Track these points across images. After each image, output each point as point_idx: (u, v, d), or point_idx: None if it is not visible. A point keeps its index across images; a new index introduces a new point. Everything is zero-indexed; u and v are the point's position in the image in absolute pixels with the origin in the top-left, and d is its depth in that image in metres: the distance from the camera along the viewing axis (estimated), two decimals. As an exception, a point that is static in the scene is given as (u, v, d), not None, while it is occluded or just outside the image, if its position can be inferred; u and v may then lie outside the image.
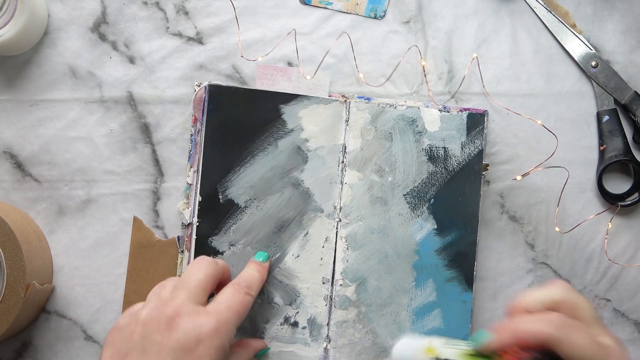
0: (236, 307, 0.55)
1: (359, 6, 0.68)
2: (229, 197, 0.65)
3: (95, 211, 0.67)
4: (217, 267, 0.58)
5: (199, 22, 0.68)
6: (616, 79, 0.68)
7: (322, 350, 0.65)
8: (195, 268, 0.56)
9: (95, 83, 0.68)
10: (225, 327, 0.53)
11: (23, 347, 0.67)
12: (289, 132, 0.65)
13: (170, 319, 0.51)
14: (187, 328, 0.51)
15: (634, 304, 0.69)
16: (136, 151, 0.68)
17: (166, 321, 0.51)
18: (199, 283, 0.55)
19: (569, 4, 0.69)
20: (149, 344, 0.51)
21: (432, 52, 0.69)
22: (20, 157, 0.67)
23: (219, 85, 0.65)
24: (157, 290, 0.56)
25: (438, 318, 0.65)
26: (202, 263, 0.57)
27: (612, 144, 0.68)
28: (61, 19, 0.68)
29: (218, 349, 0.52)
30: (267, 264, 0.64)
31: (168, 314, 0.52)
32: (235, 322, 0.54)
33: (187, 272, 0.56)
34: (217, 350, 0.51)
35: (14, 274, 0.60)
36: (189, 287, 0.54)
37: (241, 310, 0.55)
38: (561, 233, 0.68)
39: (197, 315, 0.52)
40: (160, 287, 0.56)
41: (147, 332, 0.51)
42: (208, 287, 0.56)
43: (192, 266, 0.57)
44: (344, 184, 0.65)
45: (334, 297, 0.65)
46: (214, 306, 0.54)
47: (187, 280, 0.55)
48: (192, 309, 0.53)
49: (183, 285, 0.55)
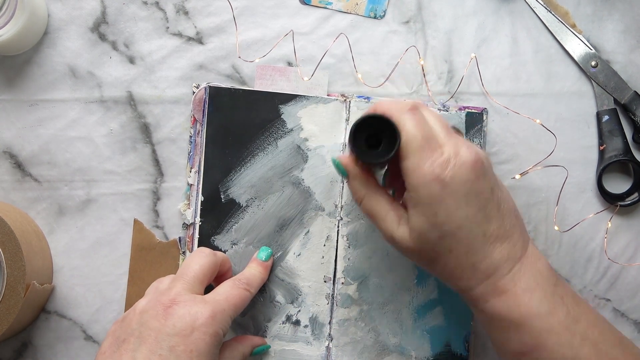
0: (233, 300, 0.56)
1: (359, 6, 0.69)
2: (230, 197, 0.65)
3: (95, 211, 0.67)
4: (215, 259, 0.59)
5: (199, 22, 0.68)
6: (616, 79, 0.68)
7: (324, 348, 0.65)
8: (192, 259, 0.58)
9: (95, 83, 0.68)
10: (220, 316, 0.54)
11: (23, 347, 0.66)
12: (288, 132, 0.65)
13: (167, 307, 0.53)
14: (183, 314, 0.52)
15: (634, 303, 0.69)
16: (136, 151, 0.68)
17: (163, 309, 0.53)
18: (195, 274, 0.56)
19: (569, 4, 0.69)
20: (146, 330, 0.52)
21: (432, 52, 0.69)
22: (20, 157, 0.67)
23: (218, 87, 0.66)
24: (155, 284, 0.58)
25: (440, 316, 0.65)
26: (199, 255, 0.58)
27: (611, 143, 0.68)
28: (61, 19, 0.68)
29: (212, 335, 0.53)
30: (270, 262, 0.64)
31: (165, 302, 0.53)
32: (231, 313, 0.55)
33: (185, 263, 0.58)
34: (211, 337, 0.52)
35: (14, 274, 0.60)
36: (185, 277, 0.56)
37: (238, 303, 0.56)
38: (561, 232, 0.68)
39: (193, 303, 0.53)
40: (158, 282, 0.58)
41: (144, 320, 0.53)
42: (205, 278, 0.57)
43: (189, 258, 0.59)
44: (345, 183, 0.65)
45: (336, 296, 0.65)
46: (211, 296, 0.56)
47: (184, 271, 0.57)
48: (189, 297, 0.54)
49: (180, 276, 0.56)
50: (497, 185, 0.53)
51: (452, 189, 0.50)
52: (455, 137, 0.53)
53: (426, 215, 0.51)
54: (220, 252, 0.62)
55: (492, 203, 0.52)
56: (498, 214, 0.52)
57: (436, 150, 0.51)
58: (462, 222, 0.51)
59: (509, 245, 0.53)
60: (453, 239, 0.51)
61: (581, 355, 0.51)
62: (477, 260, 0.52)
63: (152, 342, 0.51)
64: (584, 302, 0.55)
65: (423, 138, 0.51)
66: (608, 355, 0.52)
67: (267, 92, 0.66)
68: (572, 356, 0.51)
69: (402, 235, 0.53)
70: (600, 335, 0.53)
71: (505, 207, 0.53)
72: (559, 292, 0.53)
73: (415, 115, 0.52)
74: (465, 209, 0.51)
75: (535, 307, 0.52)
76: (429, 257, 0.54)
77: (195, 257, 0.58)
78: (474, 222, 0.51)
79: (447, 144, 0.51)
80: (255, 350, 0.63)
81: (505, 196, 0.54)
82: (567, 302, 0.53)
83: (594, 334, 0.53)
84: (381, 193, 0.56)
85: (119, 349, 0.52)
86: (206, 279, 0.57)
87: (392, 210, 0.55)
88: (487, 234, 0.52)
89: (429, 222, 0.51)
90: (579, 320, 0.53)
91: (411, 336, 0.65)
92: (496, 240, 0.52)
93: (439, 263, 0.53)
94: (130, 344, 0.52)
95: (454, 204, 0.50)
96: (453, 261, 0.52)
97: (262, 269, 0.63)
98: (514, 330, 0.52)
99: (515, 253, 0.53)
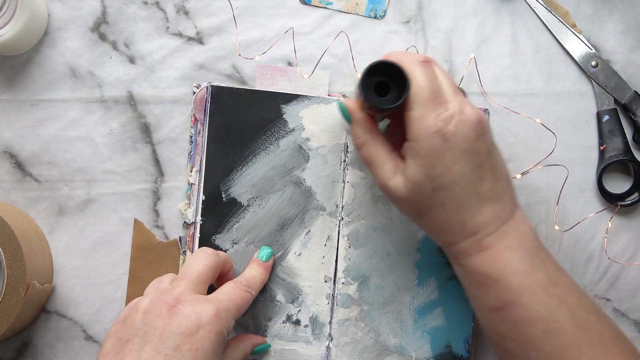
0: (236, 300, 0.56)
1: (359, 6, 0.69)
2: (231, 196, 0.65)
3: (95, 211, 0.67)
4: (218, 259, 0.59)
5: (199, 22, 0.68)
6: (616, 79, 0.68)
7: (324, 348, 0.65)
8: (195, 259, 0.58)
9: (95, 83, 0.68)
10: (224, 315, 0.54)
11: (23, 347, 0.66)
12: (290, 132, 0.65)
13: (171, 306, 0.53)
14: (189, 313, 0.52)
15: (634, 303, 0.69)
16: (136, 151, 0.68)
17: (168, 308, 0.53)
18: (198, 274, 0.56)
19: (569, 4, 0.69)
20: (151, 329, 0.52)
21: (432, 52, 0.69)
22: (20, 157, 0.67)
23: (220, 86, 0.66)
24: (155, 283, 0.58)
25: (440, 316, 0.65)
26: (202, 255, 0.58)
27: (612, 143, 0.68)
28: (61, 19, 0.68)
29: (217, 334, 0.53)
30: (270, 262, 0.64)
31: (169, 302, 0.53)
32: (234, 313, 0.55)
33: (187, 263, 0.58)
34: (216, 335, 0.53)
35: (14, 274, 0.59)
36: (188, 277, 0.56)
37: (241, 303, 0.57)
38: (561, 232, 0.68)
39: (198, 302, 0.53)
40: (158, 281, 0.58)
41: (148, 319, 0.52)
42: (208, 278, 0.57)
43: (192, 257, 0.59)
44: (346, 183, 0.65)
45: (336, 296, 0.65)
46: (215, 295, 0.56)
47: (187, 271, 0.57)
48: (193, 297, 0.54)
49: (183, 276, 0.56)
50: (495, 149, 0.55)
51: (452, 144, 0.51)
52: (461, 96, 0.54)
53: (423, 167, 0.52)
54: (222, 252, 0.62)
55: (487, 164, 0.53)
56: (492, 175, 0.53)
57: (442, 105, 0.52)
58: (457, 178, 0.52)
59: (499, 206, 0.54)
60: (446, 192, 0.53)
61: (556, 316, 0.52)
62: (466, 217, 0.53)
63: (157, 342, 0.51)
64: (565, 272, 0.56)
65: (431, 91, 0.52)
66: (583, 321, 0.53)
67: (269, 91, 0.66)
68: (547, 315, 0.52)
69: (396, 184, 0.55)
70: (578, 301, 0.54)
71: (499, 170, 0.55)
72: (540, 256, 0.54)
73: (426, 69, 0.53)
74: (462, 165, 0.52)
75: (515, 265, 0.53)
76: (419, 209, 0.55)
77: (198, 257, 0.58)
78: (469, 179, 0.52)
79: (453, 101, 0.53)
80: (256, 349, 0.63)
81: (500, 161, 0.55)
82: (548, 267, 0.54)
83: (571, 299, 0.53)
84: (381, 141, 0.57)
85: (122, 350, 0.52)
86: (209, 279, 0.57)
87: (391, 159, 0.56)
88: (480, 193, 0.53)
89: (425, 174, 0.52)
90: (558, 284, 0.54)
91: (411, 337, 0.65)
92: (487, 200, 0.53)
93: (429, 215, 0.54)
94: (135, 344, 0.51)
95: (452, 158, 0.52)
96: (443, 215, 0.54)
97: (263, 269, 0.63)
98: (492, 286, 0.53)
99: (504, 215, 0.54)
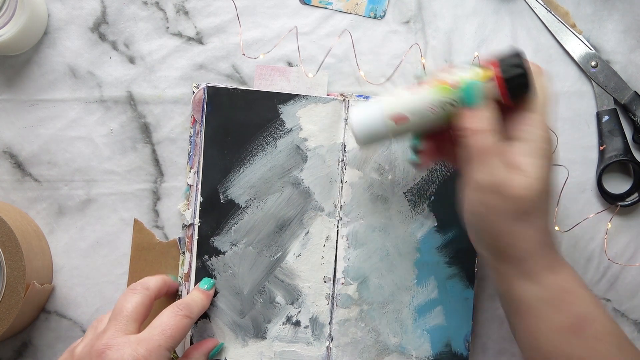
0: (170, 331, 0.56)
1: (359, 6, 0.69)
2: (229, 198, 0.65)
3: (95, 211, 0.67)
4: (148, 293, 0.59)
5: (199, 22, 0.68)
6: (616, 79, 0.68)
7: (324, 349, 0.65)
8: (125, 298, 0.58)
9: (95, 83, 0.68)
10: (156, 353, 0.54)
11: (23, 347, 0.66)
12: (287, 132, 0.65)
13: (100, 353, 0.53)
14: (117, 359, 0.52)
15: (634, 303, 0.69)
16: (136, 151, 0.68)
17: (97, 355, 0.53)
18: (127, 313, 0.56)
19: (569, 4, 0.69)
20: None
21: (432, 52, 0.69)
22: (20, 157, 0.67)
23: (217, 87, 0.65)
24: (94, 324, 0.59)
25: (440, 315, 0.65)
26: (131, 293, 0.58)
27: (612, 143, 0.68)
28: (61, 19, 0.68)
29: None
30: (212, 292, 0.65)
31: (98, 348, 0.53)
32: (168, 346, 0.55)
33: (118, 302, 0.58)
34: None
35: (14, 273, 0.60)
36: (118, 318, 0.56)
37: (175, 334, 0.56)
38: (561, 232, 0.68)
39: (126, 345, 0.53)
40: (97, 321, 0.59)
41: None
42: (139, 316, 0.57)
43: (122, 296, 0.58)
44: (344, 183, 0.65)
45: (336, 296, 0.65)
46: (146, 332, 0.55)
47: (116, 312, 0.57)
48: (122, 340, 0.54)
49: (114, 317, 0.56)
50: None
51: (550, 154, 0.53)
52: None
53: (543, 168, 0.52)
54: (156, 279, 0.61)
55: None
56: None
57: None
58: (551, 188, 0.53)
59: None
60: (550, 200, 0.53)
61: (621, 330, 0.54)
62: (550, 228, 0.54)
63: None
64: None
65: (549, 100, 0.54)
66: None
67: (265, 91, 0.66)
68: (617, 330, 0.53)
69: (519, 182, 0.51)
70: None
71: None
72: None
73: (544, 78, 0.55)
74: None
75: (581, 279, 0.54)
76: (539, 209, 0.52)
77: (127, 296, 0.58)
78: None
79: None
80: (211, 353, 0.64)
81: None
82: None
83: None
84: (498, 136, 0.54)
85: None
86: (140, 316, 0.57)
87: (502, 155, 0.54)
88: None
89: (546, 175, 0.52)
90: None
91: (411, 336, 0.65)
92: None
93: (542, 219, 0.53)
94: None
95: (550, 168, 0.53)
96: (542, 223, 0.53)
97: (204, 296, 0.63)
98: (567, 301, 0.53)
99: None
